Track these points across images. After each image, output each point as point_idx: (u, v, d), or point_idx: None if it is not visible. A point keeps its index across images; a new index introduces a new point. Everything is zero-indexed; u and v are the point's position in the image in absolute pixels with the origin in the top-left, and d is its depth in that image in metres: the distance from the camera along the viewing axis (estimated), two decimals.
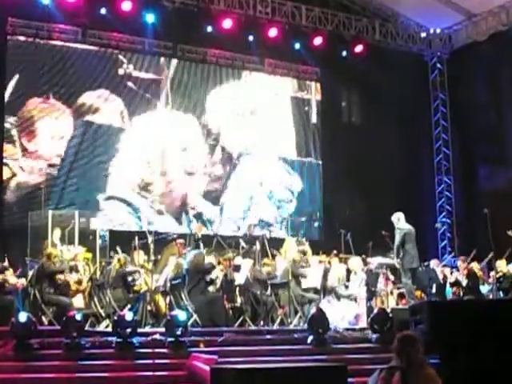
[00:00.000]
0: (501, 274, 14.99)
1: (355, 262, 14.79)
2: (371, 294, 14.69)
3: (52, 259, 12.66)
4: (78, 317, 10.50)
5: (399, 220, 13.99)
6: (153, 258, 13.87)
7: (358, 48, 20.50)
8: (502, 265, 15.15)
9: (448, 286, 15.69)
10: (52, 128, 17.52)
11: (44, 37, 17.65)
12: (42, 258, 12.91)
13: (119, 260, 13.50)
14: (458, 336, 8.72)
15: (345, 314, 13.63)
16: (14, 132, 17.08)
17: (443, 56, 22.17)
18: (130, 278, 13.55)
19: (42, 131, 17.39)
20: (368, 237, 16.09)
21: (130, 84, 18.56)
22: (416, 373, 5.47)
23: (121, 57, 18.55)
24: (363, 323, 13.52)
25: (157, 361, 10.27)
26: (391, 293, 15.22)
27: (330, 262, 15.24)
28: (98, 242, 15.35)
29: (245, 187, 19.88)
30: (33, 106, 17.33)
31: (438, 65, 22.28)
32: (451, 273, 16.22)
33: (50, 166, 17.36)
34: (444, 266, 17.22)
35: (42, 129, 17.38)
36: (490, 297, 14.94)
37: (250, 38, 19.41)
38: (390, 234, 14.70)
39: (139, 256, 14.29)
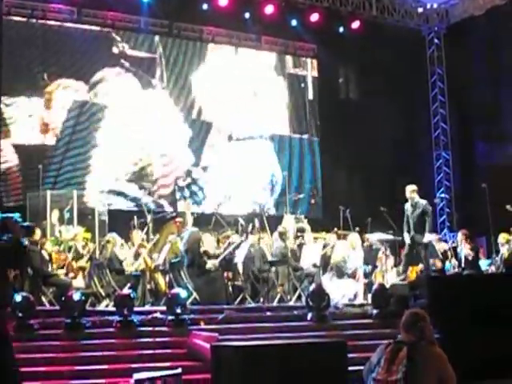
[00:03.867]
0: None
1: (354, 238, 14.79)
2: (371, 270, 14.73)
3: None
4: (78, 296, 10.51)
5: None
6: (152, 236, 13.88)
7: (355, 24, 20.43)
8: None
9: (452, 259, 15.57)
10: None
11: (39, 17, 17.55)
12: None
13: (108, 241, 13.50)
14: (458, 311, 8.74)
15: (345, 292, 13.64)
16: (10, 112, 17.02)
17: (440, 31, 22.07)
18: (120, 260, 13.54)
19: (37, 108, 17.41)
20: (367, 213, 16.12)
21: (124, 62, 18.49)
22: (424, 350, 5.44)
23: (115, 35, 18.48)
24: (361, 299, 13.57)
25: (157, 339, 10.31)
26: (391, 268, 15.26)
27: (326, 239, 15.27)
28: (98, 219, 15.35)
29: (240, 165, 19.88)
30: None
31: (435, 40, 22.18)
32: (449, 248, 16.26)
33: (46, 145, 17.34)
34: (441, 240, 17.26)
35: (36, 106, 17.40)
36: (489, 271, 14.99)
37: (247, 15, 19.35)
38: (388, 209, 14.72)
39: (138, 235, 14.29)
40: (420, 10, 21.73)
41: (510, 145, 19.98)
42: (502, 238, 15.12)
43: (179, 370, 8.19)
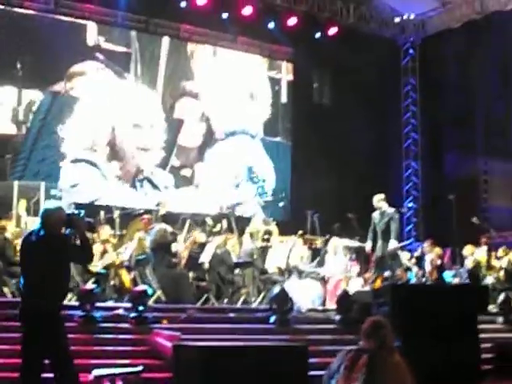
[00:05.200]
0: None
1: (337, 242, 14.77)
2: None
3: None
4: None
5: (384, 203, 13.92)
6: (118, 232, 13.78)
7: (332, 30, 20.49)
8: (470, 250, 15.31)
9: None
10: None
11: (15, 5, 17.39)
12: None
13: None
14: (420, 319, 8.79)
15: (309, 294, 13.63)
16: None
17: (416, 42, 22.21)
18: None
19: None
20: (335, 218, 16.16)
21: (98, 55, 18.38)
22: (385, 358, 5.46)
23: (90, 27, 18.36)
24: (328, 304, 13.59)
25: (119, 336, 10.25)
26: (356, 275, 15.30)
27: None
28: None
29: (216, 165, 19.87)
30: None
31: (411, 50, 22.32)
32: (412, 257, 16.38)
33: (15, 136, 17.20)
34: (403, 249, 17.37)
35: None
36: (454, 282, 15.09)
37: (224, 15, 19.31)
38: (356, 216, 14.78)
39: (105, 230, 14.18)
40: (397, 20, 21.80)
41: (478, 158, 20.18)
42: (468, 250, 15.25)
43: (140, 368, 8.16)
